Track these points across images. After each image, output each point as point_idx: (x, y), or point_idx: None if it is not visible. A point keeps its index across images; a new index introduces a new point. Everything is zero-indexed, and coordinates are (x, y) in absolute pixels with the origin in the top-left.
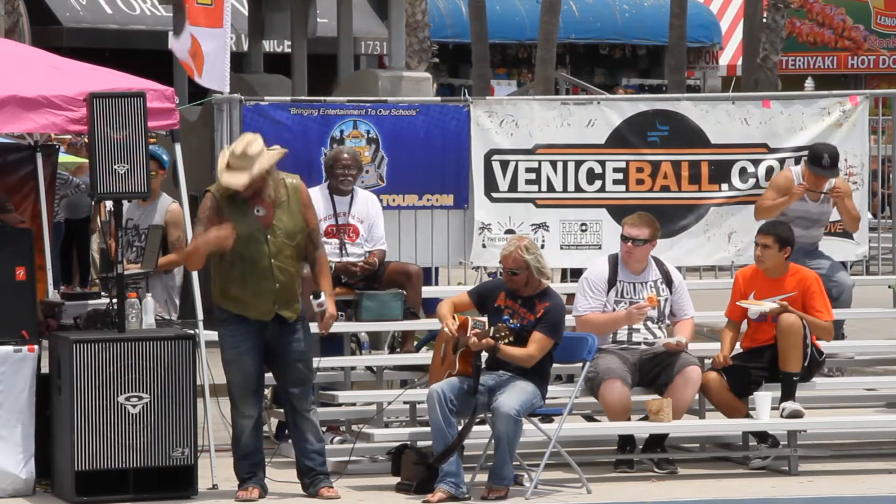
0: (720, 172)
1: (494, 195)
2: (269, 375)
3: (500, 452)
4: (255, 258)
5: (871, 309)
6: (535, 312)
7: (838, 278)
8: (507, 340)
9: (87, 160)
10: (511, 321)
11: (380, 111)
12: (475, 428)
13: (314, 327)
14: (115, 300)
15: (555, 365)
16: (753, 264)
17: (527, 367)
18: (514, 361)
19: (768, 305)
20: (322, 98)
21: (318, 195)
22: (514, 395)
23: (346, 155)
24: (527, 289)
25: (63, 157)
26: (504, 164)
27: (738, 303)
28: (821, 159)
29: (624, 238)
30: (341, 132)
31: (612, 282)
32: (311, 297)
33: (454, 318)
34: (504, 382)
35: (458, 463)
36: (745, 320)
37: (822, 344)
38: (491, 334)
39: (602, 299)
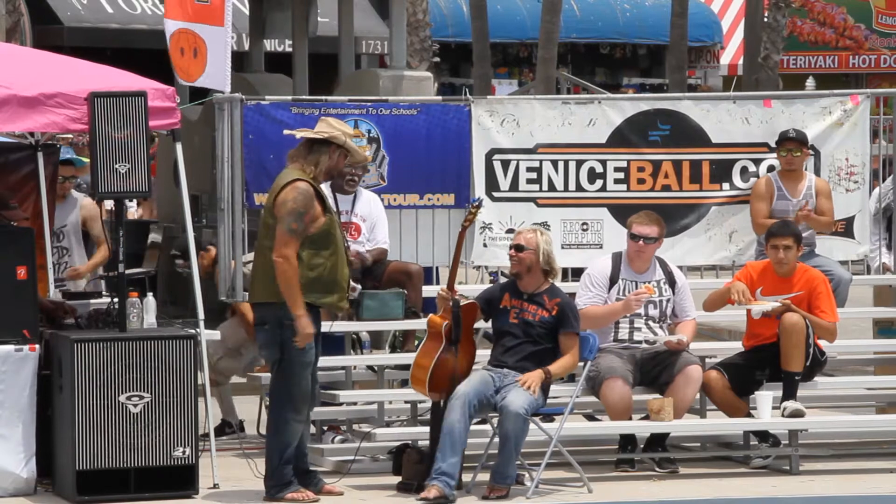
0: (721, 172)
1: (496, 194)
2: (266, 374)
3: (506, 451)
4: (341, 243)
5: (871, 308)
6: (548, 309)
7: (835, 271)
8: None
9: (88, 159)
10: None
11: (381, 110)
12: (476, 427)
13: None
14: (115, 299)
15: None
16: (765, 259)
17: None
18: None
19: (770, 305)
20: (323, 97)
21: None
22: (522, 393)
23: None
24: (531, 280)
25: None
26: (505, 164)
27: (740, 304)
28: (786, 132)
29: (634, 237)
30: None
31: (614, 279)
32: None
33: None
34: (511, 381)
35: (458, 464)
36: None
37: (822, 344)
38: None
39: (603, 295)
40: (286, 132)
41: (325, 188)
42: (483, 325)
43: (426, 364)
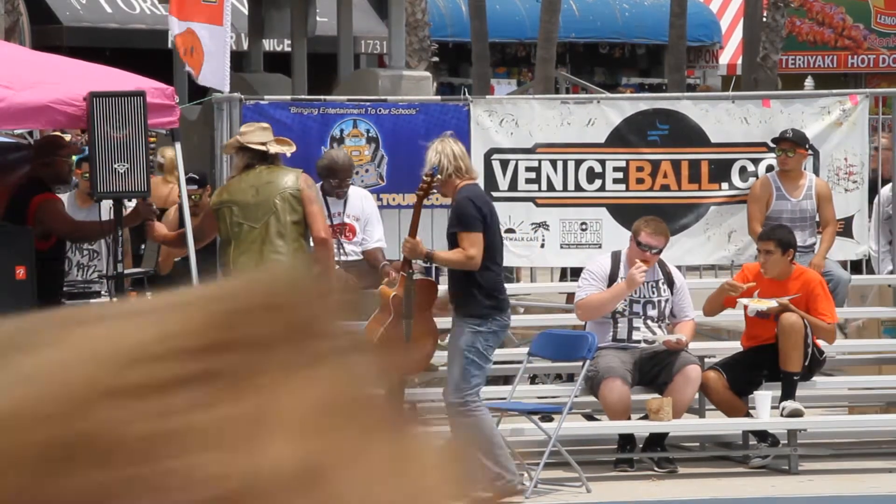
0: (720, 171)
1: (494, 194)
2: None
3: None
4: None
5: (870, 308)
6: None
7: (834, 272)
8: (432, 186)
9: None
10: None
11: (380, 110)
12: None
13: None
14: (114, 300)
15: (555, 364)
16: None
17: (474, 269)
18: (453, 265)
19: (767, 304)
20: (322, 97)
21: None
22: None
23: (340, 162)
24: (447, 191)
25: None
26: (504, 164)
27: (738, 299)
28: (783, 133)
29: (642, 246)
30: (341, 131)
31: (613, 277)
32: None
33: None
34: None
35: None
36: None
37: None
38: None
39: (603, 288)
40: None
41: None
42: None
43: (372, 334)
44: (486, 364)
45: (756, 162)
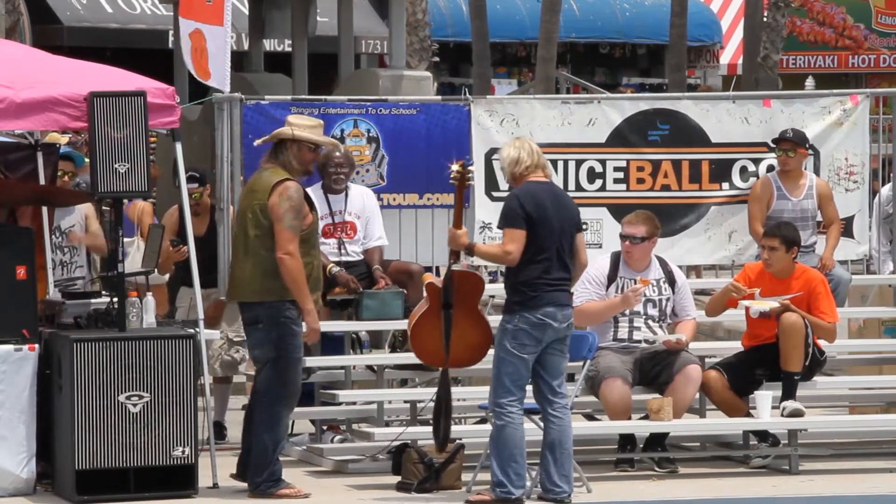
0: (721, 171)
1: (495, 194)
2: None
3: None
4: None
5: (871, 308)
6: None
7: (835, 271)
8: (468, 177)
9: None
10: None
11: (380, 110)
12: (474, 427)
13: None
14: (115, 299)
15: None
16: (761, 262)
17: (510, 264)
18: (491, 259)
19: (769, 305)
20: (322, 97)
21: (312, 195)
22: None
23: (337, 153)
24: (516, 185)
25: None
26: None
27: (740, 301)
28: (783, 133)
29: (622, 237)
30: (342, 131)
31: (612, 277)
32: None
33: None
34: None
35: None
36: (746, 318)
37: (822, 343)
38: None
39: (601, 292)
40: (256, 143)
41: (316, 190)
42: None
43: (411, 320)
44: (517, 364)
45: (757, 162)
